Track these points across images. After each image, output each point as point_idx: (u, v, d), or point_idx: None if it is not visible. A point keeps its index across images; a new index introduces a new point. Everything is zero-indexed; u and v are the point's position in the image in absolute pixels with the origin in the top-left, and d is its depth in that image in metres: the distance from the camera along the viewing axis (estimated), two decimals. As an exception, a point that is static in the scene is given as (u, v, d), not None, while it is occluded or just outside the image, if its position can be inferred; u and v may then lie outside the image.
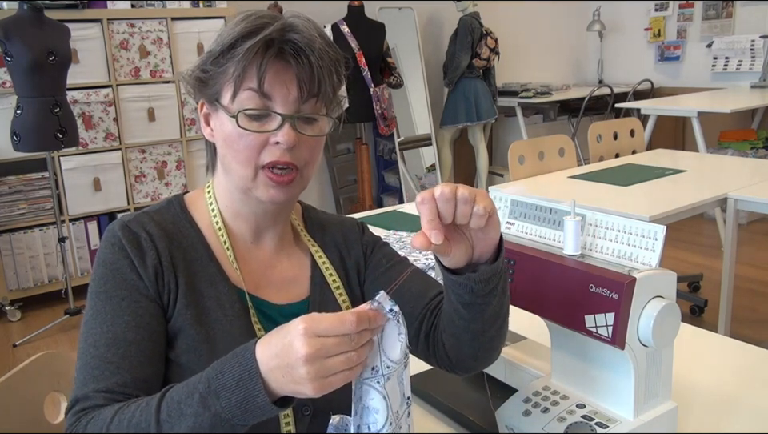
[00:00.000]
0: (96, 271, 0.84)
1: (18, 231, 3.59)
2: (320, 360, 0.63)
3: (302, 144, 0.84)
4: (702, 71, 5.63)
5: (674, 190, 2.35)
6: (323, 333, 0.64)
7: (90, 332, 0.80)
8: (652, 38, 5.94)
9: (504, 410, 0.93)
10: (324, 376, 0.64)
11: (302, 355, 0.63)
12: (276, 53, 0.81)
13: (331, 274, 0.96)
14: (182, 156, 3.98)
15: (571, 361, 0.92)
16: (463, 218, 0.72)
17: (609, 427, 0.84)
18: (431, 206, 0.72)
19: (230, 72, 0.82)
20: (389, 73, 4.55)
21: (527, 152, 2.83)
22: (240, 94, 0.82)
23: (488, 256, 0.78)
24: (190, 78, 0.88)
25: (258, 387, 0.66)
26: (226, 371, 0.68)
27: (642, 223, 0.84)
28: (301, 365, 0.63)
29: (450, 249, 0.75)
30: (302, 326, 0.64)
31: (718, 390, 1.06)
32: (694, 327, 1.27)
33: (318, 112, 0.86)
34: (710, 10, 5.53)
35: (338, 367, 0.64)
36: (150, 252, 0.83)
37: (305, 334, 0.64)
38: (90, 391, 0.76)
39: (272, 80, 0.81)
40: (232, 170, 0.86)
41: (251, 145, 0.82)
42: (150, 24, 3.78)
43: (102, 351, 0.78)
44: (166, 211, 0.90)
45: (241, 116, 0.82)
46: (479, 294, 0.78)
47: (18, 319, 3.58)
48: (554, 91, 5.52)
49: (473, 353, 0.86)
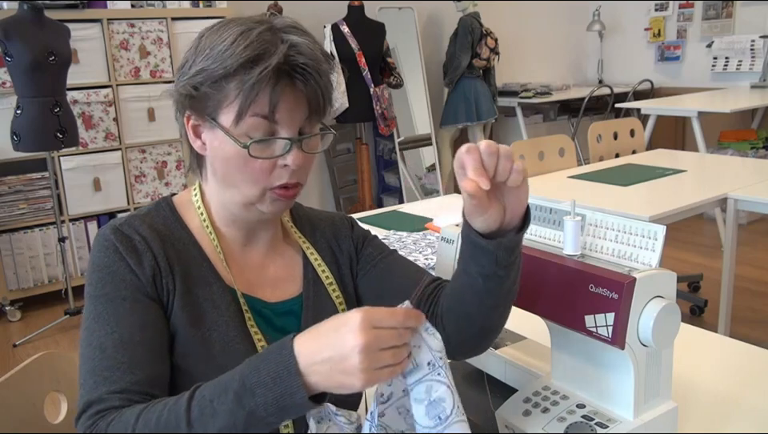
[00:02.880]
0: (91, 276, 0.82)
1: (18, 231, 3.59)
2: (374, 351, 0.64)
3: (305, 162, 0.84)
4: (702, 71, 5.64)
5: (674, 190, 2.35)
6: (378, 324, 0.65)
7: (94, 336, 0.78)
8: (652, 38, 5.95)
9: (504, 410, 0.93)
10: (375, 368, 0.65)
11: (359, 344, 0.64)
12: (287, 80, 0.80)
13: (324, 270, 0.96)
14: (182, 156, 3.98)
15: (571, 361, 0.92)
16: (504, 173, 0.73)
17: (609, 428, 0.84)
18: (476, 156, 0.72)
19: (231, 96, 0.80)
20: (389, 73, 4.55)
21: (527, 152, 2.83)
22: (246, 120, 0.80)
23: (515, 223, 0.78)
24: (179, 94, 0.85)
25: (296, 384, 0.66)
26: (261, 368, 0.68)
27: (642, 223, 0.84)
28: (356, 354, 0.64)
29: (488, 205, 0.75)
30: (360, 316, 0.65)
31: (718, 390, 1.06)
32: (693, 327, 1.27)
33: (318, 128, 0.86)
34: (710, 10, 5.53)
35: (388, 360, 0.66)
36: (146, 254, 0.82)
37: (362, 324, 0.65)
38: (104, 393, 0.73)
39: (284, 108, 0.80)
40: (235, 188, 0.85)
41: (259, 169, 0.82)
42: (150, 24, 3.78)
43: (110, 353, 0.76)
44: (156, 214, 0.89)
45: (253, 146, 0.80)
46: (502, 264, 0.78)
47: (18, 319, 3.58)
48: (554, 91, 5.52)
49: (478, 332, 0.87)
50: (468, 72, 4.87)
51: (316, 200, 4.92)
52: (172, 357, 0.82)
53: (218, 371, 0.75)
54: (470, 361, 1.12)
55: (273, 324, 0.90)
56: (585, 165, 2.95)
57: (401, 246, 1.70)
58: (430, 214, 2.10)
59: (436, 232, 1.84)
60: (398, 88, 4.65)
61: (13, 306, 3.59)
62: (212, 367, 0.80)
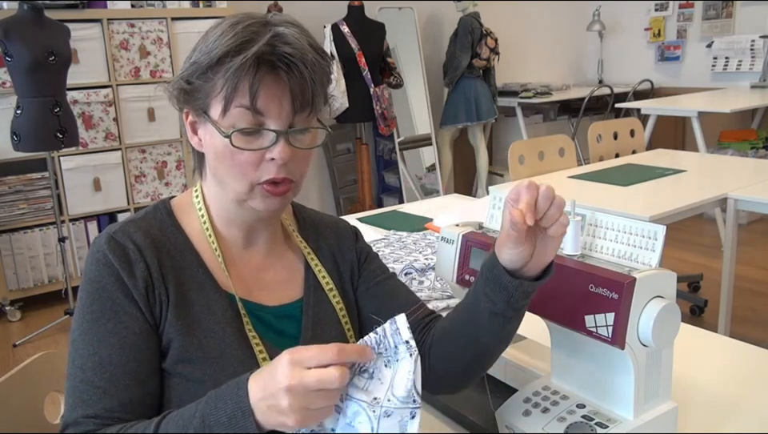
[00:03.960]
0: (83, 288, 0.82)
1: (18, 231, 3.59)
2: (302, 393, 0.65)
3: (295, 157, 0.82)
4: (702, 71, 5.63)
5: (674, 190, 2.35)
6: (307, 364, 0.66)
7: (78, 354, 0.80)
8: (652, 38, 5.95)
9: (504, 410, 0.93)
10: (306, 408, 0.65)
11: (286, 386, 0.65)
12: (268, 69, 0.79)
13: (324, 276, 0.95)
14: (182, 156, 3.98)
15: (571, 361, 0.92)
16: (550, 220, 0.74)
17: (609, 427, 0.84)
18: (534, 193, 0.74)
19: (218, 87, 0.80)
20: (389, 73, 4.55)
21: (527, 152, 2.83)
22: (231, 111, 0.80)
23: (534, 272, 0.78)
24: (174, 90, 0.85)
25: (249, 426, 0.67)
26: (220, 407, 0.69)
27: (642, 223, 0.84)
28: (283, 395, 0.65)
29: (523, 241, 0.75)
30: (288, 357, 0.66)
31: (718, 390, 1.06)
32: (693, 327, 1.27)
33: (311, 124, 0.84)
34: (710, 10, 5.53)
35: (320, 402, 0.66)
36: (138, 264, 0.82)
37: (289, 364, 0.66)
38: (80, 416, 0.77)
39: (265, 97, 0.79)
40: (225, 184, 0.84)
41: (246, 162, 0.81)
42: (150, 24, 3.78)
43: (88, 375, 0.78)
44: (153, 218, 0.89)
45: (235, 136, 0.80)
46: (514, 306, 0.78)
47: (18, 319, 3.58)
48: (554, 91, 5.52)
49: (461, 373, 0.87)
50: (468, 72, 4.87)
51: (316, 200, 4.92)
52: (169, 365, 0.82)
53: (216, 377, 0.76)
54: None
55: (272, 328, 0.89)
56: (585, 165, 2.95)
57: (401, 246, 1.70)
58: (429, 214, 2.09)
59: (436, 232, 1.84)
60: (397, 88, 4.65)
61: (13, 306, 3.59)
62: (210, 374, 0.80)
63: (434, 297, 1.41)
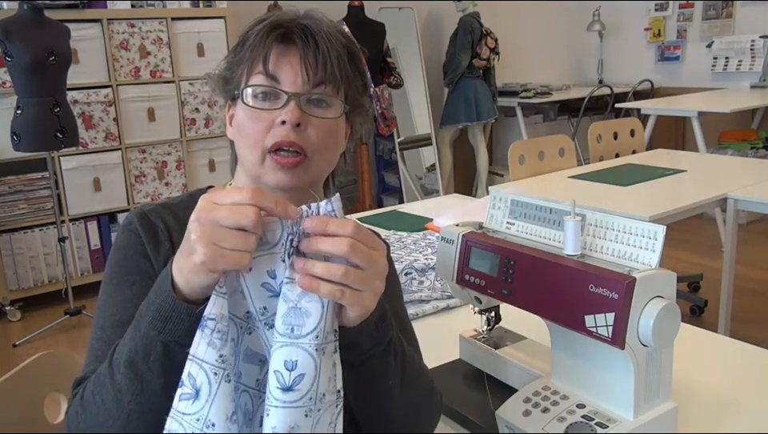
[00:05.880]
0: (111, 256, 0.86)
1: (18, 231, 3.59)
2: (210, 224, 0.61)
3: (309, 126, 0.82)
4: (702, 71, 5.63)
5: (674, 190, 2.35)
6: (219, 200, 0.62)
7: (100, 316, 0.82)
8: (652, 38, 5.95)
9: (504, 410, 0.93)
10: (216, 244, 0.60)
11: (193, 218, 0.62)
12: (282, 34, 0.83)
13: None
14: (182, 156, 3.98)
15: (571, 361, 0.92)
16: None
17: (609, 427, 0.84)
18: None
19: (244, 60, 0.84)
20: (389, 73, 4.55)
21: (527, 152, 2.83)
22: (251, 79, 0.83)
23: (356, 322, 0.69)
24: (217, 77, 0.89)
25: (166, 286, 0.65)
26: (154, 287, 0.68)
27: (642, 223, 0.84)
28: (193, 229, 0.61)
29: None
30: (202, 196, 0.64)
31: (718, 390, 1.06)
32: (693, 327, 1.27)
33: (329, 97, 0.84)
34: (710, 10, 5.53)
35: (231, 240, 0.60)
36: (164, 243, 0.85)
37: (202, 200, 0.63)
38: (90, 371, 0.76)
39: (276, 60, 0.82)
40: (243, 159, 0.86)
41: (258, 128, 0.82)
42: (150, 24, 3.78)
43: (107, 334, 0.80)
44: (187, 205, 0.89)
45: (246, 93, 0.83)
46: (366, 348, 0.72)
47: (18, 319, 3.58)
48: (554, 91, 5.52)
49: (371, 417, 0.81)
50: (468, 72, 4.87)
51: (316, 200, 4.92)
52: None
53: None
54: (470, 361, 1.12)
55: None
56: (585, 165, 2.95)
57: (401, 246, 1.70)
58: (429, 214, 2.09)
59: (436, 232, 1.84)
60: (398, 88, 4.65)
61: (13, 306, 3.59)
62: None
63: (434, 297, 1.42)
